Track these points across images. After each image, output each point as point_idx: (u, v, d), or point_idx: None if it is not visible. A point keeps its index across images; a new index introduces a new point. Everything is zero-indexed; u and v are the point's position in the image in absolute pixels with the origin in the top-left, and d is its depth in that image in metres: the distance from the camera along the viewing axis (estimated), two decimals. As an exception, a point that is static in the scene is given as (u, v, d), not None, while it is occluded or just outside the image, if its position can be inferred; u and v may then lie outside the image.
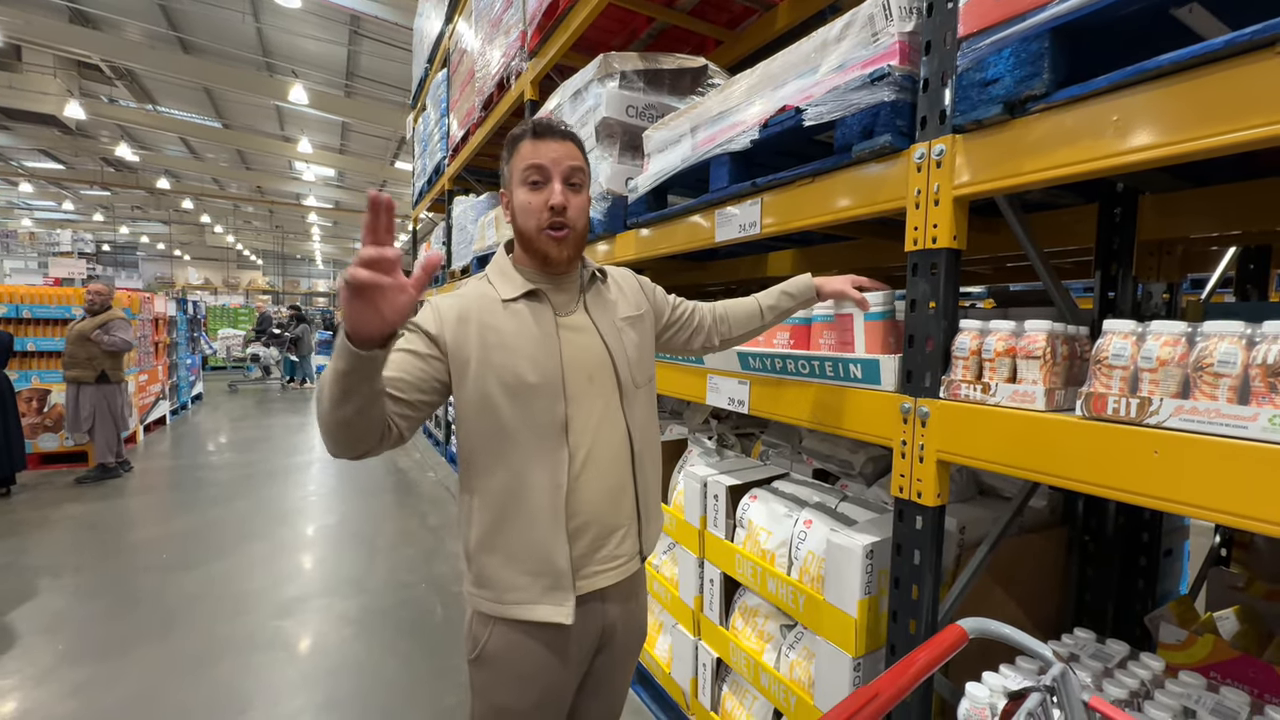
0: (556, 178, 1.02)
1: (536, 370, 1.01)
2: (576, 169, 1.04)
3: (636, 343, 1.15)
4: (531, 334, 1.03)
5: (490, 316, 1.03)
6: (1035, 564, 1.54)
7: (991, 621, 0.62)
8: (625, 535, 1.09)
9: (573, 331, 1.07)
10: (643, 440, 1.12)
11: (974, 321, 1.05)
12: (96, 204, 19.01)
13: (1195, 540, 2.00)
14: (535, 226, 1.02)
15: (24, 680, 2.19)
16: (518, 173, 1.03)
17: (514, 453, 1.01)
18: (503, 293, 1.05)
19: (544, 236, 1.03)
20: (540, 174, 1.02)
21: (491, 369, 1.00)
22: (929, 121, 1.05)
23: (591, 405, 1.05)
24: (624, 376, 1.09)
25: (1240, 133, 0.70)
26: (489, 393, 1.00)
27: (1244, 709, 0.98)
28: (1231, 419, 0.71)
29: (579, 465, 1.02)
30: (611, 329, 1.12)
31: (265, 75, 9.97)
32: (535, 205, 1.02)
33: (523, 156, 1.02)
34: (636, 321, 1.17)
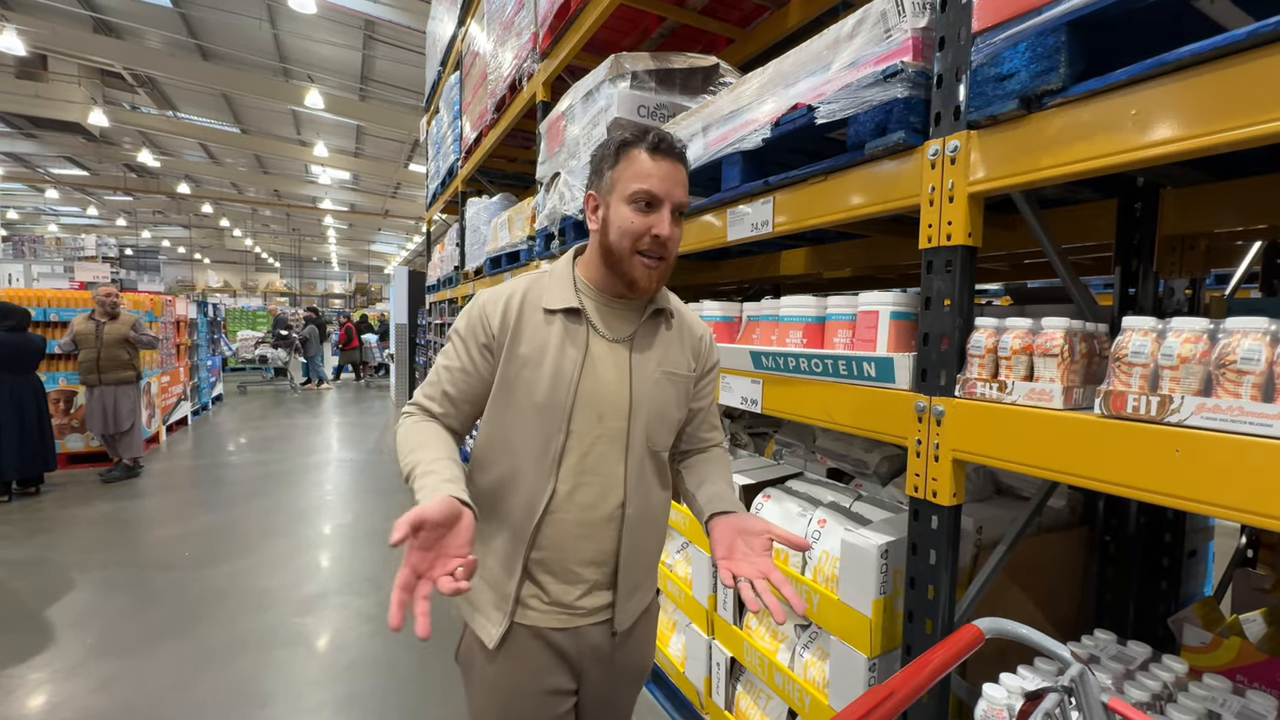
0: (667, 206, 0.94)
1: (547, 392, 0.96)
2: (684, 203, 0.97)
3: (670, 401, 1.05)
4: (556, 353, 0.97)
5: (530, 322, 0.98)
6: (1054, 564, 1.52)
7: (1008, 621, 0.62)
8: (590, 592, 1.01)
9: (603, 363, 0.99)
10: (640, 509, 1.02)
11: (990, 319, 1.04)
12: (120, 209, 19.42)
13: (1220, 541, 1.96)
14: (630, 248, 0.94)
15: (55, 674, 2.25)
16: (625, 186, 0.94)
17: (508, 464, 0.99)
18: (549, 301, 0.99)
19: (637, 261, 0.95)
20: (652, 200, 0.93)
21: (514, 376, 0.97)
22: (943, 118, 1.04)
23: (592, 448, 0.98)
24: (635, 432, 1.00)
25: (1263, 125, 0.69)
26: (505, 398, 0.98)
27: (1270, 713, 0.96)
28: (1256, 417, 0.70)
29: (559, 503, 0.97)
30: (647, 377, 1.01)
31: (282, 80, 10.12)
32: (638, 228, 0.93)
33: (636, 171, 0.93)
34: (679, 381, 1.06)
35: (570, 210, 2.45)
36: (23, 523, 3.90)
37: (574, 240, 2.55)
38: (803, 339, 1.43)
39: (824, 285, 3.52)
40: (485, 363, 0.99)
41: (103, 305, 4.76)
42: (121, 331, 4.70)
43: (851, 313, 1.31)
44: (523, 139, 4.36)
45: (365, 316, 14.66)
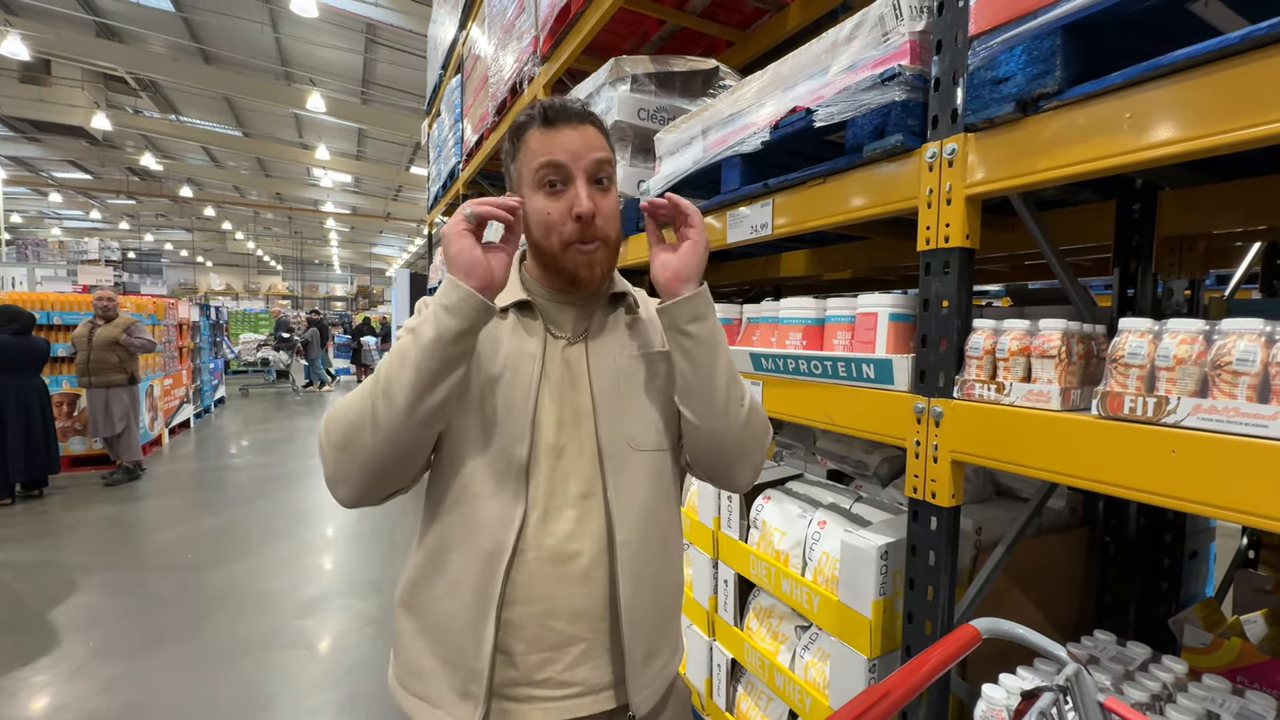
0: (580, 176, 0.78)
1: (505, 394, 0.80)
2: (603, 161, 0.81)
3: (649, 386, 0.87)
4: (513, 350, 0.83)
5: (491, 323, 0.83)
6: (1054, 565, 1.52)
7: (1005, 622, 0.62)
8: (585, 655, 0.78)
9: (559, 362, 0.85)
10: (638, 534, 0.81)
11: (988, 320, 1.04)
12: (122, 212, 19.51)
13: (1222, 542, 1.96)
14: (559, 242, 0.80)
15: (58, 676, 2.26)
16: (529, 172, 0.80)
17: (463, 489, 0.79)
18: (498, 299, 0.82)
19: (572, 253, 0.80)
20: (558, 173, 0.78)
21: (471, 378, 0.80)
22: (940, 120, 1.05)
23: (559, 460, 0.81)
24: (606, 433, 0.82)
25: (1259, 128, 0.69)
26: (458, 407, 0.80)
27: (1270, 713, 0.96)
28: (1251, 418, 0.70)
29: (530, 536, 0.77)
30: (606, 369, 0.85)
31: (284, 84, 10.17)
32: (557, 215, 0.79)
33: (533, 151, 0.80)
34: (654, 359, 0.89)
35: (571, 213, 2.45)
36: (27, 525, 3.92)
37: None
38: (802, 341, 1.43)
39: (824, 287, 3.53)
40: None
41: (98, 308, 4.78)
42: (112, 335, 4.71)
43: (851, 314, 1.31)
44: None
45: (367, 319, 14.70)
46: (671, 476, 0.89)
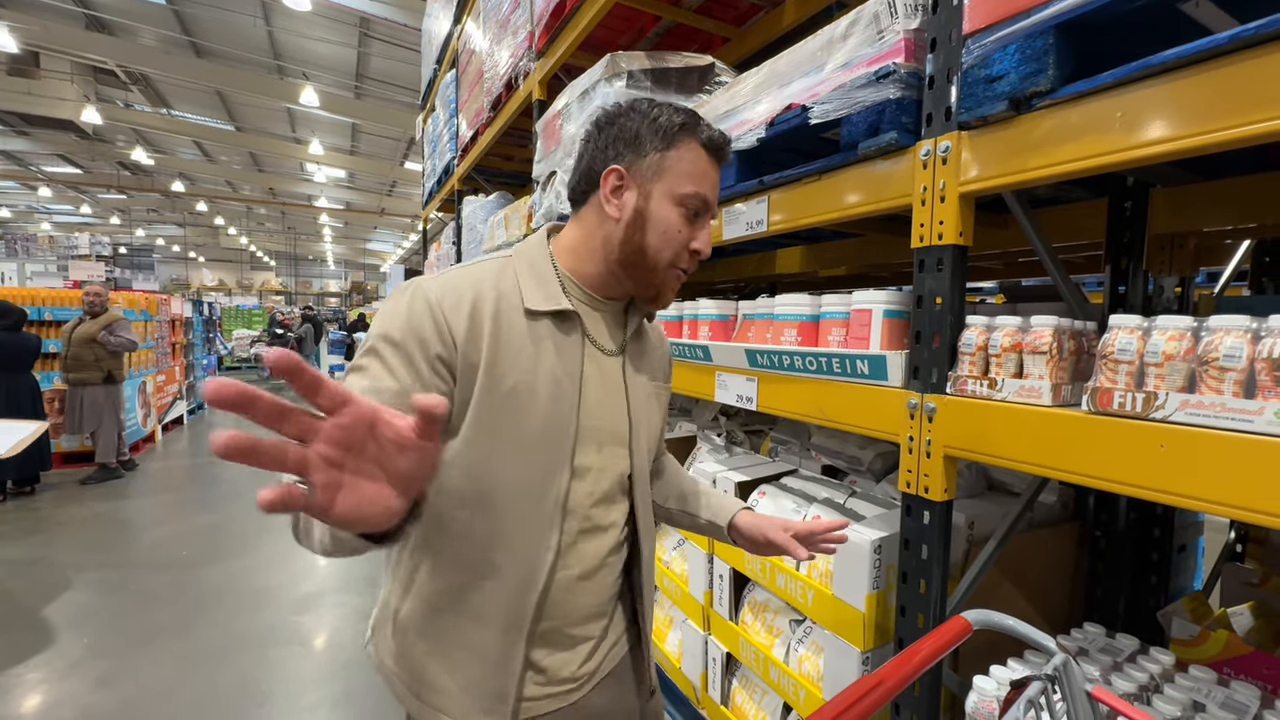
0: (707, 217, 0.82)
1: (544, 420, 0.75)
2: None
3: (658, 417, 0.94)
4: (550, 369, 0.76)
5: (512, 329, 0.75)
6: (1045, 559, 1.54)
7: (995, 613, 0.63)
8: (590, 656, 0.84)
9: (600, 381, 0.82)
10: (650, 545, 0.89)
11: (980, 317, 1.05)
12: (113, 207, 19.33)
13: (1210, 536, 1.98)
14: (669, 260, 0.80)
15: (53, 672, 2.26)
16: (679, 183, 0.78)
17: (489, 522, 0.75)
18: (530, 300, 0.77)
19: (672, 275, 0.82)
20: (703, 208, 0.81)
21: (498, 404, 0.73)
22: (934, 118, 1.06)
23: (596, 484, 0.80)
24: (639, 458, 0.85)
25: (1246, 127, 0.70)
26: (484, 435, 0.73)
27: (1254, 703, 0.98)
28: (1237, 413, 0.71)
29: (565, 556, 0.78)
30: (640, 392, 0.87)
31: (276, 78, 10.09)
32: (682, 238, 0.79)
33: (695, 170, 0.79)
34: (662, 393, 0.95)
35: (567, 210, 2.45)
36: (18, 522, 3.90)
37: (570, 239, 2.56)
38: (797, 337, 1.44)
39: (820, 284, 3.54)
40: (440, 382, 0.71)
41: (85, 303, 4.73)
42: (89, 331, 4.63)
43: (845, 311, 1.32)
44: (519, 137, 4.36)
45: (362, 315, 14.64)
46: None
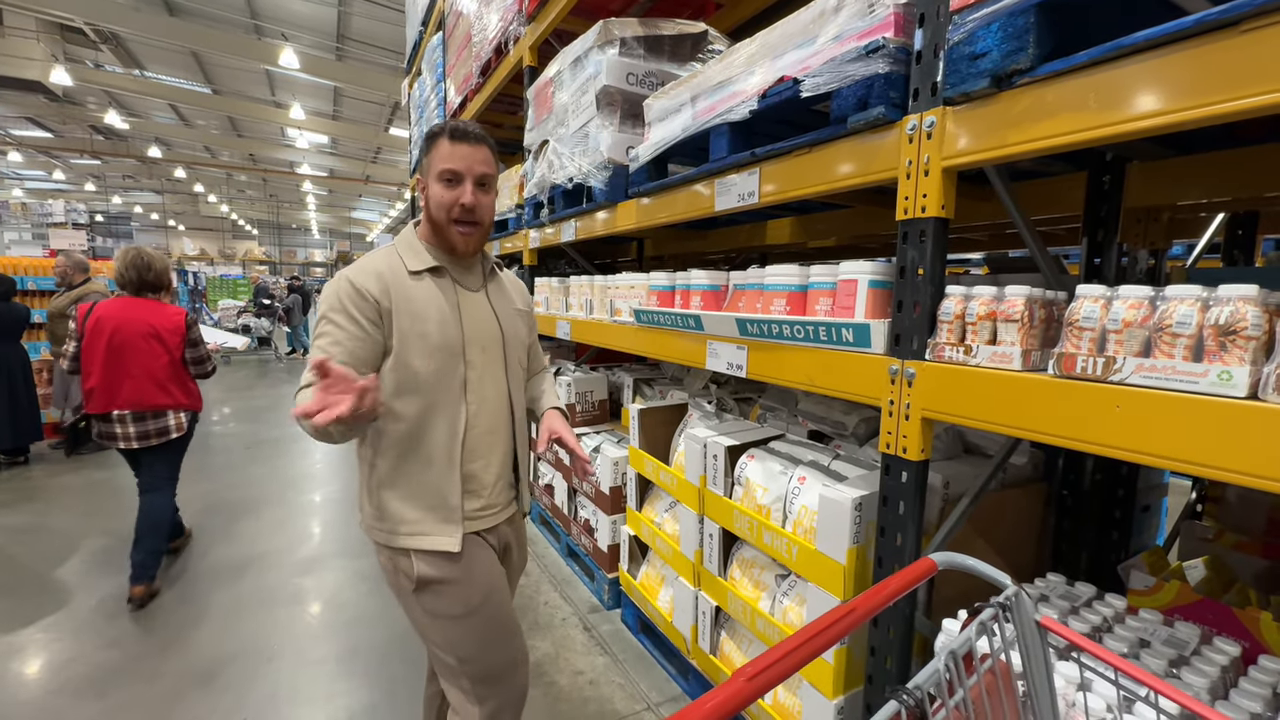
0: (469, 180, 1.17)
1: (442, 334, 1.18)
2: (487, 175, 1.19)
3: (523, 332, 1.37)
4: (438, 303, 1.19)
5: (401, 285, 1.17)
6: (1015, 517, 1.63)
7: (958, 555, 0.70)
8: (505, 485, 1.30)
9: (473, 307, 1.25)
10: (522, 414, 1.34)
11: (959, 287, 1.10)
12: (87, 173, 18.75)
13: (1175, 499, 2.10)
14: (446, 219, 1.19)
15: (63, 633, 2.33)
16: (435, 169, 1.17)
17: (419, 404, 1.17)
18: (410, 265, 1.20)
19: (453, 229, 1.19)
20: (454, 176, 1.17)
21: (408, 330, 1.15)
22: (921, 93, 1.09)
23: (484, 372, 1.24)
24: (510, 355, 1.30)
25: (1209, 107, 0.75)
26: (405, 350, 1.15)
27: (1194, 640, 1.08)
28: (1185, 375, 0.78)
29: (472, 419, 1.21)
30: (507, 314, 1.33)
31: (254, 38, 9.72)
32: (447, 201, 1.17)
33: (440, 156, 1.17)
34: (524, 316, 1.40)
35: (559, 179, 2.46)
36: (16, 490, 3.92)
37: (563, 208, 2.57)
38: (786, 307, 1.49)
39: (809, 254, 3.58)
40: (376, 328, 1.14)
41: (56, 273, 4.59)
42: (59, 306, 4.52)
43: (832, 281, 1.37)
44: (509, 104, 4.29)
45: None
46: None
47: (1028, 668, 0.66)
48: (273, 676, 2.10)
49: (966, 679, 0.54)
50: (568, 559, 3.00)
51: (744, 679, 0.47)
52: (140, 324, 2.54)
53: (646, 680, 2.10)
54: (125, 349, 2.51)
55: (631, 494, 2.34)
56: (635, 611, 2.34)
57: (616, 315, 2.32)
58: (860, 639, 1.37)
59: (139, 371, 2.52)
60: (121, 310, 2.55)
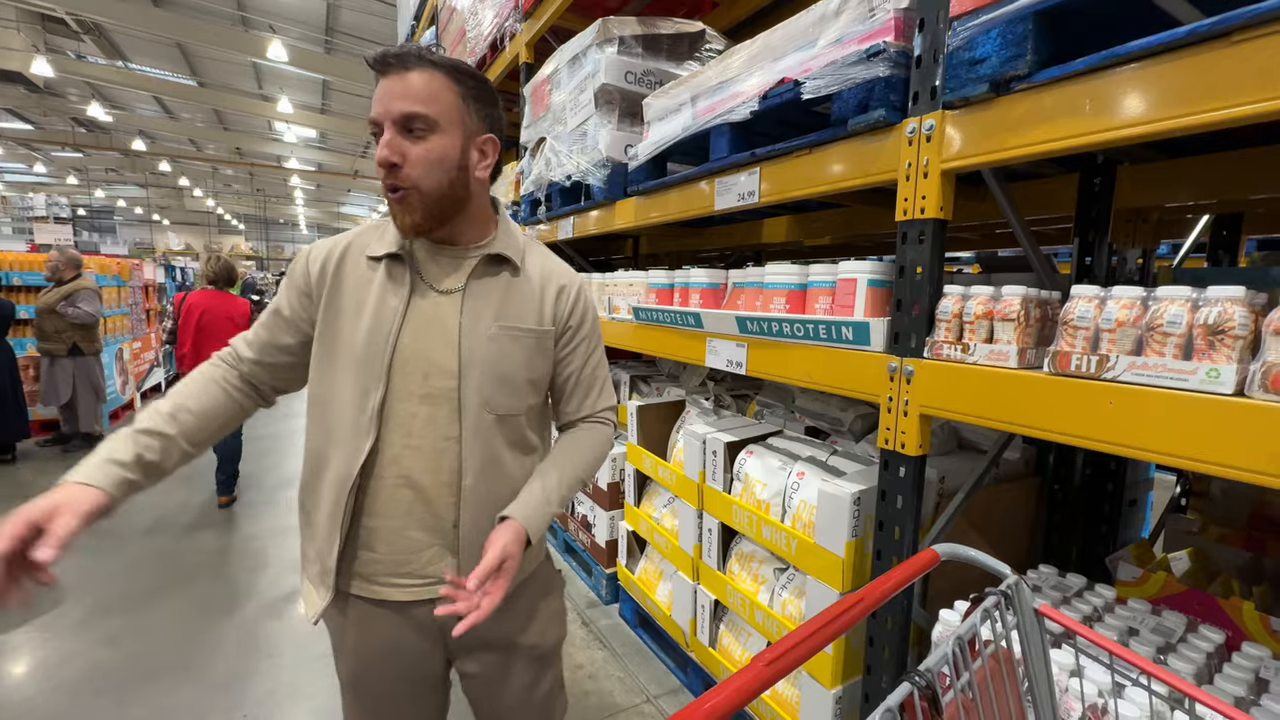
0: (390, 125, 0.83)
1: (367, 344, 0.88)
2: (414, 114, 0.82)
3: (513, 360, 0.93)
4: (376, 302, 0.90)
5: (353, 271, 0.92)
6: (1008, 511, 1.67)
7: (960, 546, 0.73)
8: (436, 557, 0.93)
9: (429, 316, 0.90)
10: (483, 481, 0.92)
11: (957, 287, 1.13)
12: (69, 166, 18.42)
13: (1159, 494, 2.16)
14: (382, 187, 0.87)
15: (59, 631, 2.31)
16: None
17: (326, 424, 0.91)
18: (372, 248, 0.93)
19: (390, 199, 0.87)
20: (376, 124, 0.84)
21: (333, 327, 0.91)
22: (920, 97, 1.11)
23: (419, 409, 0.89)
24: (468, 394, 0.90)
25: (1201, 115, 0.78)
26: (324, 352, 0.92)
27: (1180, 628, 1.12)
28: (1175, 373, 0.81)
29: (384, 466, 0.89)
30: (479, 332, 0.91)
31: (240, 30, 9.60)
32: (377, 163, 0.85)
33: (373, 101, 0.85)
34: (522, 337, 0.94)
35: (557, 176, 2.46)
36: (1, 488, 3.88)
37: (560, 206, 2.58)
38: (786, 305, 1.52)
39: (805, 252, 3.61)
40: (301, 309, 0.93)
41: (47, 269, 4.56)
42: (49, 301, 4.48)
43: (832, 280, 1.39)
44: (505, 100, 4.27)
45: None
46: (526, 428, 0.98)
47: (1027, 653, 0.69)
48: (272, 673, 2.10)
49: (972, 663, 0.56)
50: (565, 554, 3.02)
51: (763, 664, 0.49)
52: (221, 309, 3.58)
53: (645, 673, 2.13)
54: (210, 327, 3.50)
55: (629, 489, 2.37)
56: (634, 606, 2.36)
57: (615, 313, 2.33)
58: (859, 630, 1.40)
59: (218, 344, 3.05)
60: (207, 299, 3.57)
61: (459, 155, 0.88)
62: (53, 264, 4.54)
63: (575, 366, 1.02)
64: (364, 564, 0.92)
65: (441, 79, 0.85)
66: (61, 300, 4.48)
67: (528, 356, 0.95)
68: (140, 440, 0.81)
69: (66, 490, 0.72)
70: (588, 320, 1.03)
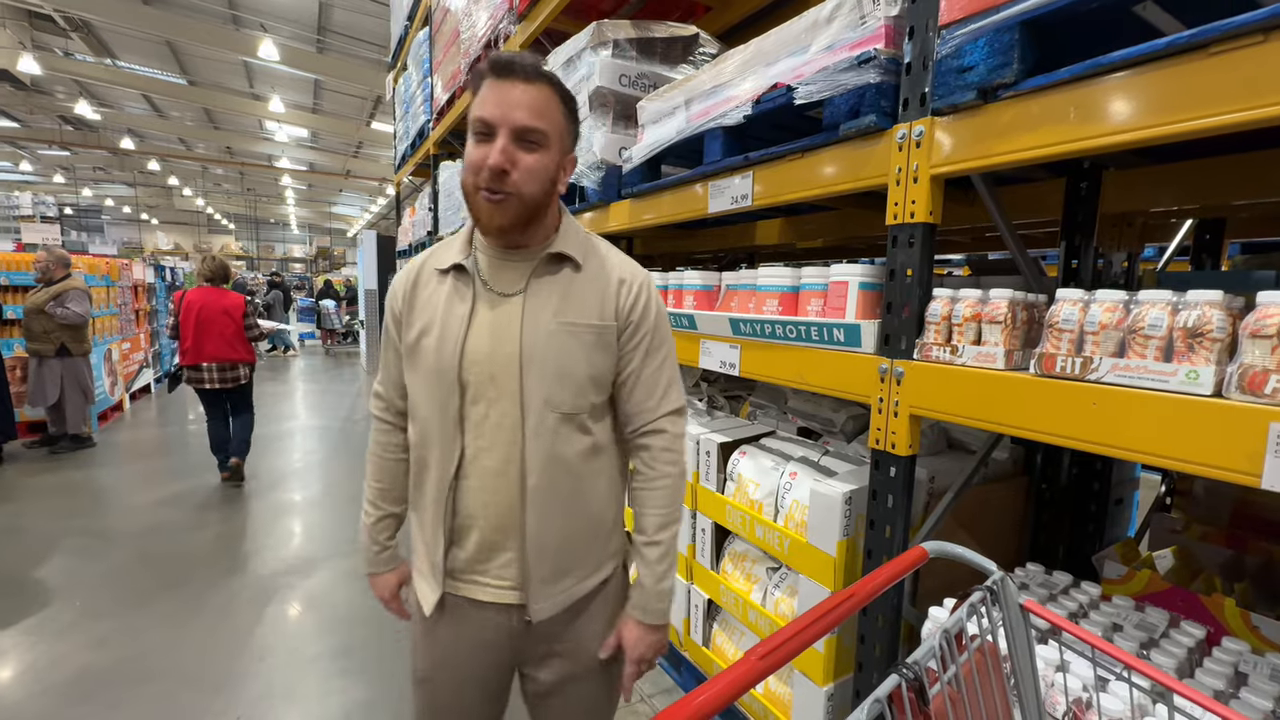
0: (504, 132, 0.85)
1: (439, 354, 0.93)
2: (533, 129, 0.86)
3: (574, 356, 0.93)
4: (445, 313, 0.94)
5: (425, 288, 0.98)
6: (997, 510, 1.70)
7: (948, 544, 0.75)
8: (511, 562, 0.96)
9: (492, 320, 0.93)
10: (546, 481, 0.93)
11: (946, 290, 1.15)
12: (56, 164, 18.20)
13: (1145, 493, 2.19)
14: (473, 184, 0.88)
15: (46, 634, 2.29)
16: (471, 117, 0.88)
17: (421, 431, 0.98)
18: (440, 261, 0.98)
19: (479, 198, 0.88)
20: (486, 127, 0.86)
21: (413, 342, 0.97)
22: (910, 104, 1.13)
23: (488, 410, 0.93)
24: (530, 391, 0.91)
25: (1179, 124, 0.80)
26: (410, 367, 0.99)
27: (1162, 624, 1.14)
28: (1156, 374, 0.83)
29: (466, 469, 0.94)
30: (539, 329, 0.92)
31: (232, 29, 9.54)
32: (474, 161, 0.87)
33: (479, 100, 0.87)
34: (581, 332, 0.94)
35: (551, 178, 2.47)
36: (-12, 492, 3.84)
37: (555, 208, 2.58)
38: (778, 307, 1.53)
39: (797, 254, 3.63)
40: (399, 336, 1.01)
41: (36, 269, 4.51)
42: (38, 301, 4.43)
43: (824, 283, 1.41)
44: (497, 101, 4.27)
45: (329, 282, 14.28)
46: (590, 427, 0.98)
47: (1012, 648, 0.71)
48: (265, 675, 2.10)
49: (959, 656, 0.58)
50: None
51: (756, 658, 0.50)
52: (217, 304, 3.82)
53: (639, 673, 2.14)
54: (208, 321, 3.76)
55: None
56: (627, 606, 2.37)
57: (609, 314, 2.34)
58: (850, 628, 1.42)
59: (216, 336, 3.81)
60: (204, 295, 3.81)
61: (555, 170, 0.92)
62: (43, 264, 4.50)
63: (636, 364, 1.00)
64: (452, 560, 0.98)
65: (556, 98, 0.90)
66: (50, 300, 4.43)
67: (588, 352, 0.95)
68: (384, 526, 1.12)
69: (384, 579, 1.13)
70: (650, 316, 1.00)
